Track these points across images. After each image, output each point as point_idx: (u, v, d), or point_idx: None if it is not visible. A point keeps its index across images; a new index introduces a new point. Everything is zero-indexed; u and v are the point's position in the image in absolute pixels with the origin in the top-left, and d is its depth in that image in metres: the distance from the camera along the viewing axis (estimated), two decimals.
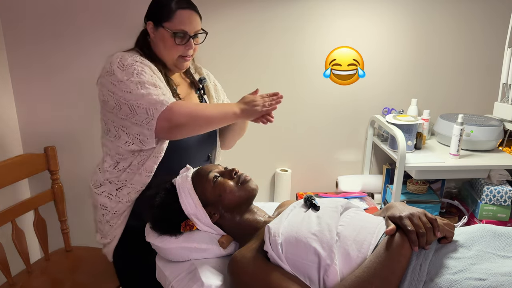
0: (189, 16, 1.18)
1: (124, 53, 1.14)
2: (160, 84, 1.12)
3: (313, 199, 1.00)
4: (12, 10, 1.63)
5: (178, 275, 1.00)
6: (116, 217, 1.21)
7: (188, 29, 1.17)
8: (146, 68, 1.12)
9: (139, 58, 1.14)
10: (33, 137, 1.76)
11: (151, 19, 1.18)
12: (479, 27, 1.91)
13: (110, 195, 1.20)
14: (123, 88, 1.08)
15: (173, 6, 1.16)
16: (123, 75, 1.08)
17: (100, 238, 1.25)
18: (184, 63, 1.23)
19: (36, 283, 1.29)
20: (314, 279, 0.84)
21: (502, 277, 0.74)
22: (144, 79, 1.09)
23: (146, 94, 1.07)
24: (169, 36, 1.16)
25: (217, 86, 1.42)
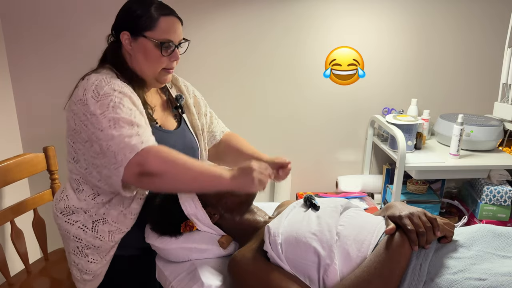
0: (173, 24, 1.06)
1: (100, 79, 0.98)
2: (140, 119, 0.97)
3: (313, 198, 1.00)
4: (12, 10, 1.62)
5: (178, 275, 1.00)
6: (97, 253, 1.08)
7: (173, 38, 1.06)
8: (125, 100, 0.97)
9: (117, 86, 0.99)
10: (33, 137, 1.76)
11: (127, 29, 1.05)
12: (479, 27, 1.91)
13: (85, 227, 1.06)
14: (95, 124, 0.93)
15: (154, 13, 1.04)
16: (97, 108, 0.94)
17: (77, 274, 1.09)
18: (167, 77, 1.11)
19: (35, 283, 1.28)
20: (314, 278, 0.84)
21: (502, 277, 0.74)
22: (119, 115, 0.93)
23: (117, 136, 0.91)
24: (152, 47, 1.04)
25: (197, 98, 1.28)
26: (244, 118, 1.93)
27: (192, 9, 1.74)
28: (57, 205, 1.11)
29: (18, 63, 1.69)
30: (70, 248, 1.10)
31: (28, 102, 1.74)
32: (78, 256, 1.09)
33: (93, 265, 1.08)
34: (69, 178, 1.13)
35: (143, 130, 0.95)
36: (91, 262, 1.08)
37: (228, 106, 1.90)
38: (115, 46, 1.09)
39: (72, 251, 1.10)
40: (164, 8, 1.06)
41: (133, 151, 0.90)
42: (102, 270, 1.09)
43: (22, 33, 1.66)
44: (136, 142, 0.91)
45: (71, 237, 1.08)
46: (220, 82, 1.87)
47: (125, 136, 0.91)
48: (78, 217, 1.07)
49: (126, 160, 0.90)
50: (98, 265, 1.08)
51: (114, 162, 0.92)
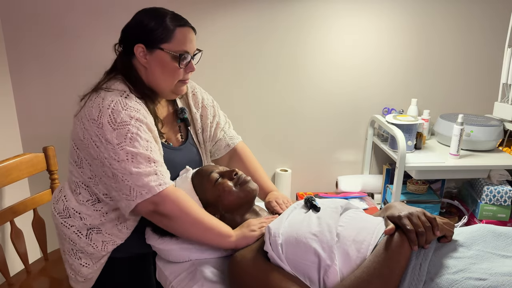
0: (189, 34, 1.05)
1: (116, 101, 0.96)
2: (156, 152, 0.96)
3: (313, 200, 1.00)
4: (12, 10, 1.62)
5: (178, 275, 1.00)
6: (90, 259, 1.08)
7: (189, 49, 1.04)
8: (142, 129, 0.96)
9: (134, 111, 0.96)
10: (33, 137, 1.76)
11: (141, 42, 1.02)
12: (479, 27, 1.91)
13: (79, 233, 1.06)
14: (111, 152, 0.92)
15: (170, 24, 1.02)
16: (114, 136, 0.92)
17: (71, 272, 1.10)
18: (183, 88, 1.10)
19: (34, 283, 1.28)
20: (314, 279, 0.84)
21: (502, 277, 0.74)
22: (137, 149, 0.92)
23: (135, 173, 0.91)
24: (169, 59, 1.02)
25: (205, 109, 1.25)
26: (244, 118, 1.93)
27: (191, 9, 1.74)
28: (56, 205, 1.11)
29: (18, 63, 1.69)
30: (65, 248, 1.12)
31: (28, 102, 1.74)
32: (72, 257, 1.10)
33: (85, 269, 1.09)
34: (69, 179, 1.12)
35: (160, 168, 0.95)
36: (83, 266, 1.09)
37: (228, 106, 1.90)
38: (126, 58, 1.06)
39: (66, 251, 1.11)
40: (179, 19, 1.05)
41: (150, 192, 0.92)
42: (93, 275, 1.09)
43: (23, 34, 1.66)
44: (155, 184, 0.92)
45: (67, 239, 1.09)
46: (220, 82, 1.87)
47: (143, 175, 0.92)
48: (74, 222, 1.07)
49: (141, 198, 0.92)
50: (90, 269, 1.09)
51: (127, 194, 0.93)
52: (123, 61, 1.07)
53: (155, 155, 0.96)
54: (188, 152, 1.19)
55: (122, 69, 1.06)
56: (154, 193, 0.92)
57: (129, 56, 1.05)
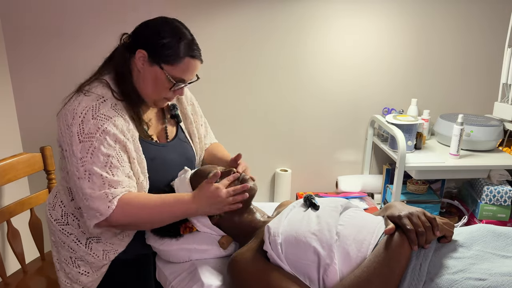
0: (194, 65, 1.03)
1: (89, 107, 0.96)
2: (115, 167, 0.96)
3: (312, 198, 1.00)
4: (12, 10, 1.62)
5: (178, 275, 1.00)
6: (90, 267, 1.06)
7: (187, 79, 1.04)
8: (106, 142, 0.95)
9: (103, 120, 0.96)
10: (32, 137, 1.76)
11: (147, 49, 0.99)
12: (479, 27, 1.91)
13: (78, 241, 1.05)
14: (74, 167, 0.94)
15: (182, 51, 0.99)
16: (78, 150, 0.94)
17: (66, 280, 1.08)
18: (165, 103, 1.10)
19: (31, 283, 1.27)
20: (314, 278, 0.83)
21: (502, 277, 0.74)
22: (95, 168, 0.93)
23: (88, 195, 0.93)
24: (164, 79, 1.01)
25: (195, 107, 1.27)
26: (244, 118, 1.92)
27: (191, 9, 1.73)
28: (52, 211, 1.09)
29: (18, 63, 1.68)
30: (61, 256, 1.09)
31: (28, 102, 1.73)
32: (69, 266, 1.07)
33: (84, 277, 1.07)
34: (62, 185, 1.10)
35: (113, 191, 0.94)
36: (82, 274, 1.07)
37: (228, 106, 1.90)
38: (126, 53, 1.03)
39: (64, 260, 1.08)
40: (193, 48, 1.02)
41: (103, 215, 0.93)
42: (93, 284, 1.08)
43: (22, 34, 1.66)
44: (103, 208, 0.93)
45: (65, 247, 1.07)
46: (220, 82, 1.86)
47: (95, 198, 0.93)
48: (73, 229, 1.05)
49: (97, 220, 0.94)
50: (90, 278, 1.07)
51: (87, 213, 0.96)
52: (122, 53, 1.04)
53: (115, 172, 0.95)
54: (179, 147, 1.17)
55: (118, 61, 1.04)
56: (106, 215, 0.93)
57: (130, 52, 1.03)
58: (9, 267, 1.54)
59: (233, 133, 1.92)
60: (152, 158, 1.06)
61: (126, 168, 0.98)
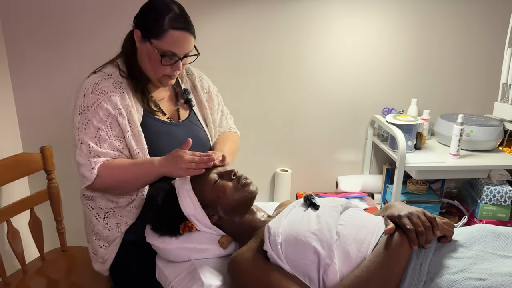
0: (182, 38, 1.05)
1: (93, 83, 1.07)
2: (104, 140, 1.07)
3: (312, 198, 1.00)
4: (12, 10, 1.62)
5: (178, 275, 0.99)
6: (106, 241, 1.16)
7: (178, 51, 1.06)
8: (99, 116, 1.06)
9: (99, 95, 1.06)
10: (33, 137, 1.75)
11: (140, 29, 1.08)
12: (479, 27, 1.91)
13: (98, 216, 1.14)
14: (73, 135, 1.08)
15: (166, 24, 1.03)
16: (77, 120, 1.07)
17: (92, 252, 1.19)
18: (169, 81, 1.14)
19: (31, 283, 1.27)
20: (314, 278, 0.83)
21: (502, 277, 0.74)
22: (86, 136, 1.05)
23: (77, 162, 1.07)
24: (155, 54, 1.06)
25: (211, 94, 1.31)
26: (244, 118, 1.92)
27: (192, 9, 1.71)
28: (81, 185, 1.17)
29: (18, 63, 1.68)
30: (87, 229, 1.19)
31: (28, 102, 1.73)
32: (92, 238, 1.17)
33: (102, 250, 1.16)
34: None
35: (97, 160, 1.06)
36: (101, 247, 1.16)
37: (228, 106, 1.88)
38: (132, 37, 1.12)
39: (89, 233, 1.19)
40: (178, 21, 1.05)
41: (89, 180, 1.06)
42: (109, 256, 1.16)
43: (22, 34, 1.66)
44: (88, 174, 1.05)
45: (88, 220, 1.17)
46: (220, 82, 1.84)
47: (82, 165, 1.06)
48: (94, 205, 1.14)
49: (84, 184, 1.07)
50: (106, 251, 1.15)
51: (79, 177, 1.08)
52: (129, 39, 1.15)
53: (102, 144, 1.06)
54: (189, 128, 1.22)
55: (125, 46, 1.16)
56: (91, 181, 1.05)
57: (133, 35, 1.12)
58: (8, 267, 1.54)
59: None
60: (157, 132, 1.13)
61: (115, 141, 1.08)
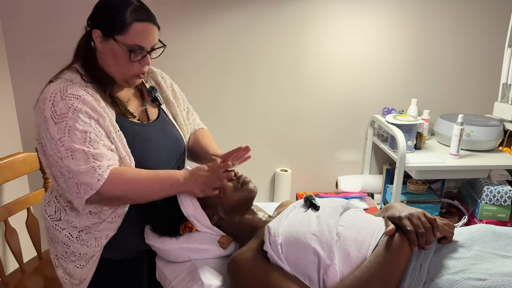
0: (147, 30, 1.01)
1: (58, 90, 0.97)
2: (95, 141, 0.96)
3: (313, 198, 1.00)
4: (12, 10, 1.61)
5: (178, 275, 0.99)
6: (84, 260, 1.07)
7: (145, 45, 1.01)
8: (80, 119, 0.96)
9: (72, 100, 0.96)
10: (33, 136, 1.74)
11: (99, 28, 1.01)
12: (479, 27, 1.90)
13: (70, 236, 1.05)
14: (54, 149, 0.95)
15: (128, 17, 0.98)
16: (55, 131, 0.94)
17: (65, 276, 1.09)
18: (137, 80, 1.08)
19: (29, 282, 1.27)
20: (314, 279, 0.83)
21: (502, 277, 0.74)
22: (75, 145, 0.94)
23: (75, 171, 0.94)
24: (122, 52, 1.00)
25: (175, 92, 1.26)
26: (244, 118, 1.92)
27: (191, 9, 1.73)
28: (47, 207, 1.09)
29: (18, 63, 1.68)
30: (58, 252, 1.09)
31: (28, 102, 1.73)
32: (66, 261, 1.08)
33: (79, 270, 1.07)
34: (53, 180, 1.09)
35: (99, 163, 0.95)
36: (78, 267, 1.07)
37: (228, 106, 1.89)
38: (88, 39, 1.05)
39: (60, 255, 1.08)
40: (140, 13, 1.01)
41: (93, 188, 0.94)
42: (88, 275, 1.08)
43: (23, 33, 1.65)
44: (94, 181, 0.94)
45: (59, 242, 1.07)
46: (220, 82, 1.86)
47: (83, 173, 0.94)
48: (65, 225, 1.05)
49: (88, 194, 0.95)
50: (84, 269, 1.08)
51: (77, 192, 0.96)
52: (85, 41, 1.06)
53: (95, 146, 0.96)
54: (162, 128, 1.16)
55: (82, 52, 1.07)
56: (97, 188, 0.95)
57: (90, 37, 1.04)
58: (7, 267, 1.54)
59: (233, 133, 1.92)
60: (133, 135, 1.06)
61: (106, 142, 1.00)
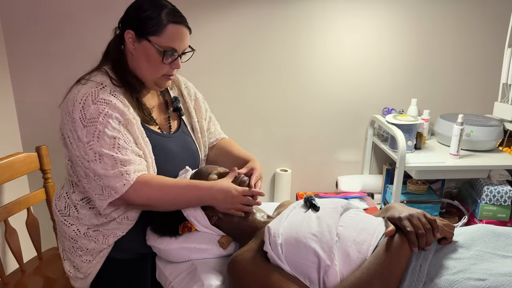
0: (181, 32, 1.03)
1: (88, 93, 0.97)
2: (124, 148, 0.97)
3: (313, 199, 1.00)
4: (12, 10, 1.61)
5: (178, 275, 0.99)
6: (91, 254, 1.08)
7: (178, 47, 1.03)
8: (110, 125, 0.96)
9: (104, 105, 0.97)
10: (33, 136, 1.75)
11: (133, 28, 1.02)
12: (479, 27, 1.90)
13: (78, 231, 1.06)
14: (81, 151, 0.96)
15: (164, 18, 1.00)
16: (84, 134, 0.95)
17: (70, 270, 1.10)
18: (167, 82, 1.10)
19: (29, 282, 1.27)
20: (314, 279, 0.83)
21: (502, 277, 0.74)
22: (103, 150, 0.94)
23: (102, 175, 0.94)
24: (155, 53, 1.01)
25: (198, 101, 1.27)
26: (244, 118, 1.92)
27: (191, 9, 1.73)
28: (58, 201, 1.11)
29: (18, 63, 1.68)
30: (65, 246, 1.11)
31: (28, 102, 1.73)
32: (73, 255, 1.09)
33: (85, 264, 1.09)
34: (66, 176, 1.12)
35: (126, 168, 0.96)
36: (84, 262, 1.08)
37: (228, 106, 1.89)
38: (119, 41, 1.07)
39: (67, 249, 1.10)
40: (176, 15, 1.03)
41: (118, 193, 0.95)
42: (93, 270, 1.09)
43: (22, 33, 1.65)
44: (119, 184, 0.95)
45: (67, 237, 1.08)
46: (220, 82, 1.86)
47: (109, 177, 0.95)
48: (73, 220, 1.07)
49: (112, 198, 0.96)
50: (90, 264, 1.09)
51: (100, 194, 0.97)
52: (115, 42, 1.07)
53: (124, 152, 0.97)
54: (181, 140, 1.18)
55: (112, 53, 1.08)
56: (121, 193, 0.95)
57: (121, 39, 1.05)
58: (7, 267, 1.54)
59: (233, 133, 1.91)
60: (153, 146, 1.07)
61: (135, 148, 1.00)
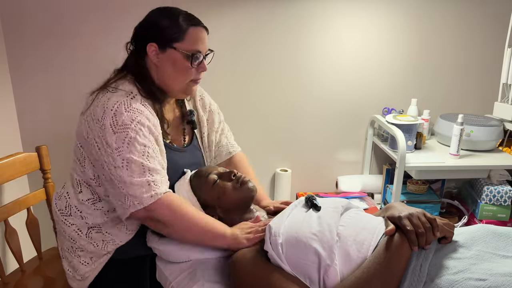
0: (201, 34, 1.05)
1: (120, 102, 0.97)
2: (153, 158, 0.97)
3: (314, 199, 1.00)
4: (12, 10, 1.61)
5: (178, 275, 0.99)
6: (90, 257, 1.08)
7: (201, 49, 1.05)
8: (142, 133, 0.96)
9: (137, 112, 0.97)
10: (33, 136, 1.75)
11: (154, 40, 1.02)
12: (479, 27, 1.90)
13: (79, 231, 1.07)
14: (109, 157, 0.95)
15: (183, 23, 1.02)
16: (113, 140, 0.94)
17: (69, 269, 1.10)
18: (194, 88, 1.11)
19: (29, 282, 1.27)
20: (314, 279, 0.83)
21: (502, 277, 0.74)
22: (133, 156, 0.93)
23: (128, 182, 0.93)
24: (182, 58, 1.02)
25: (212, 114, 1.27)
26: (244, 118, 1.92)
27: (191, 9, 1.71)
28: (58, 201, 1.11)
29: (18, 63, 1.68)
30: (64, 245, 1.11)
31: (27, 101, 1.73)
32: (71, 255, 1.09)
33: (83, 266, 1.08)
34: (71, 176, 1.12)
35: (155, 177, 0.96)
36: (82, 264, 1.08)
37: (228, 106, 1.88)
38: (137, 57, 1.06)
39: (66, 249, 1.11)
40: (192, 18, 1.05)
41: (141, 204, 0.94)
42: (90, 274, 1.09)
43: (22, 33, 1.65)
44: (146, 195, 0.93)
45: (66, 237, 1.09)
46: (220, 82, 1.86)
47: (135, 185, 0.93)
48: (75, 220, 1.07)
49: (134, 208, 0.94)
50: (88, 268, 1.09)
51: (122, 202, 0.96)
52: (135, 60, 1.07)
53: (152, 161, 0.96)
54: (192, 154, 1.19)
55: (132, 68, 1.07)
56: (146, 205, 0.94)
57: (140, 54, 1.06)
58: (7, 267, 1.54)
59: (233, 133, 1.92)
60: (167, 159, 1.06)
61: (161, 160, 1.01)
